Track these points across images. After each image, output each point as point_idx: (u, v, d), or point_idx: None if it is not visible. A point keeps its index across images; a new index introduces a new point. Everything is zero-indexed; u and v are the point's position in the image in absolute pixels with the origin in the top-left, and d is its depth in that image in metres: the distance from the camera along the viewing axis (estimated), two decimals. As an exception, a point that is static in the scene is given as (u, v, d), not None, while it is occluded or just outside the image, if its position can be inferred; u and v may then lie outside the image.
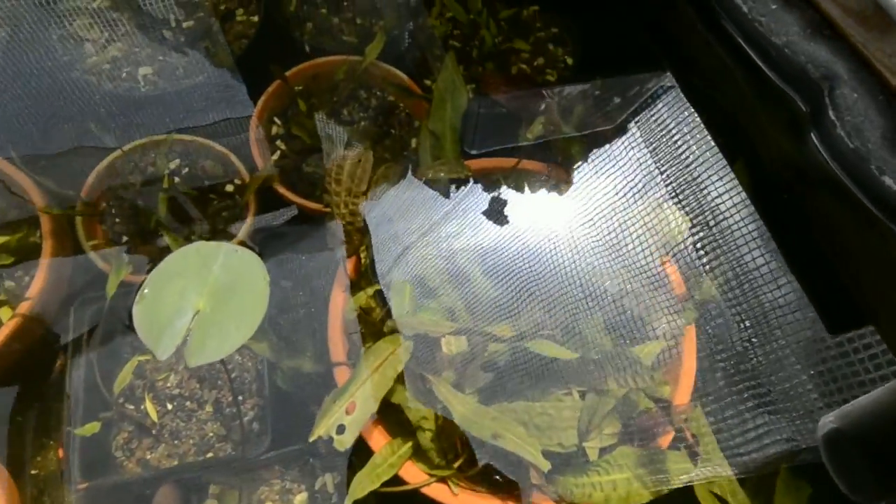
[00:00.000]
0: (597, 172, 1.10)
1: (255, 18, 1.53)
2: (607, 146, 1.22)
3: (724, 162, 1.13)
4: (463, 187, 1.10)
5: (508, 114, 1.43)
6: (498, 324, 0.95)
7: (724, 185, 1.09)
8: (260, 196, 1.32)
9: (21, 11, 1.44)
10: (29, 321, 1.07)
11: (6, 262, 1.11)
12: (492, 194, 1.08)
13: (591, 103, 1.39)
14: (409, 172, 1.11)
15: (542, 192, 1.13)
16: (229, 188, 1.37)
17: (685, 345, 0.94)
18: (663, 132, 1.17)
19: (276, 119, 1.43)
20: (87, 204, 1.21)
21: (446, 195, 1.10)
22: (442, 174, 1.04)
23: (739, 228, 1.02)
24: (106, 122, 1.38)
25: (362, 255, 1.00)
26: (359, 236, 0.98)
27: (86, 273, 1.18)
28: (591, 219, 1.00)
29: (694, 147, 1.17)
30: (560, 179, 1.13)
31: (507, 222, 1.04)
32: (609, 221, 0.95)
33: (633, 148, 1.14)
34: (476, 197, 1.07)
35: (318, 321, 1.03)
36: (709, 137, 1.16)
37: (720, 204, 1.07)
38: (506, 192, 1.09)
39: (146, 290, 0.79)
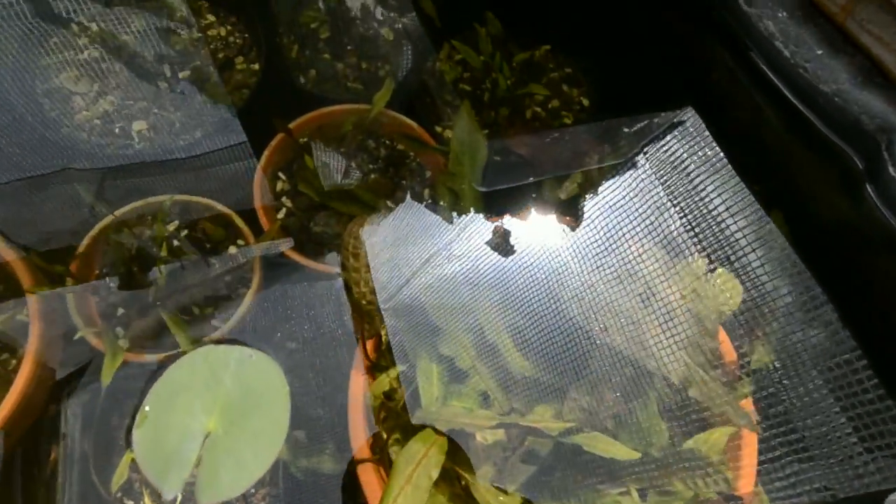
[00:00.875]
0: (632, 231, 1.02)
1: (256, 66, 1.46)
2: (637, 197, 1.15)
3: (761, 212, 1.05)
4: (487, 254, 1.02)
5: (525, 162, 1.35)
6: (538, 406, 0.86)
7: (760, 236, 1.01)
8: (264, 258, 1.23)
9: (4, 63, 1.36)
10: (16, 412, 0.96)
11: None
12: (520, 260, 1.00)
13: (609, 149, 1.33)
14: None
15: (573, 251, 1.05)
16: (232, 250, 1.28)
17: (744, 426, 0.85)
18: (692, 189, 1.09)
19: (280, 174, 1.35)
20: (79, 278, 1.11)
21: (472, 264, 1.02)
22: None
23: (779, 278, 0.95)
24: (97, 183, 1.29)
25: (383, 334, 0.91)
26: (380, 316, 0.90)
27: (78, 353, 1.08)
28: (633, 285, 0.92)
29: (725, 197, 1.09)
30: (591, 238, 1.05)
31: (540, 290, 0.96)
32: (655, 288, 0.86)
33: (665, 206, 1.06)
34: (502, 264, 0.99)
35: (337, 408, 0.94)
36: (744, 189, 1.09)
37: (752, 255, 0.99)
38: (535, 257, 1.01)
39: (147, 409, 0.70)
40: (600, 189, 0.96)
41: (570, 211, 1.02)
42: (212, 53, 1.45)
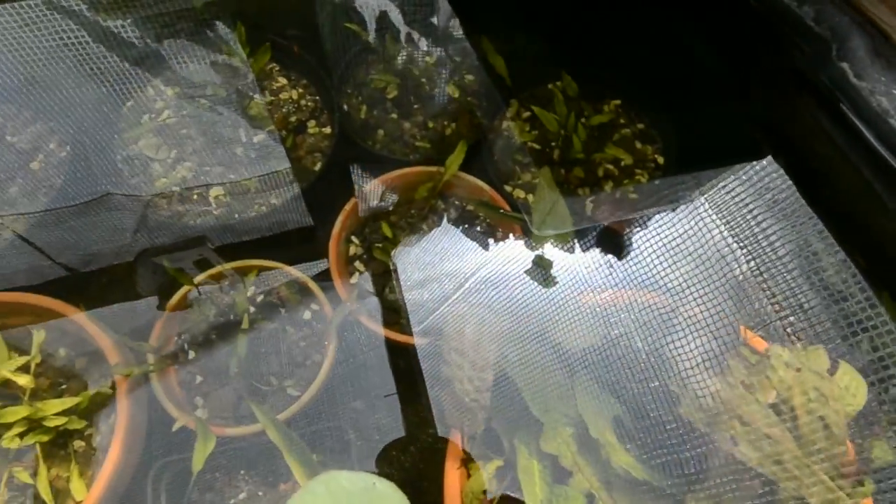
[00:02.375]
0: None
1: (328, 130, 1.47)
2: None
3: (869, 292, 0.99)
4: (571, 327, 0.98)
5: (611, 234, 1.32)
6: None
7: (868, 316, 0.95)
8: (340, 326, 1.22)
9: (84, 128, 1.40)
10: (107, 492, 0.96)
11: (78, 426, 1.02)
12: (615, 337, 0.95)
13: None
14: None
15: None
16: (307, 315, 1.27)
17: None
18: (793, 267, 1.04)
19: (353, 238, 1.35)
20: (163, 357, 1.12)
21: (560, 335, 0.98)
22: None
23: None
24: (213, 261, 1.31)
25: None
26: (483, 413, 0.87)
27: (164, 430, 1.08)
28: (747, 378, 0.87)
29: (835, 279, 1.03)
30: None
31: (640, 371, 0.91)
32: (781, 390, 0.81)
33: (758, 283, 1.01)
34: (594, 343, 0.95)
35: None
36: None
37: (862, 337, 0.93)
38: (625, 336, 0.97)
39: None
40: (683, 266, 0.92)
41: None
42: (284, 117, 1.47)
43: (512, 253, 1.19)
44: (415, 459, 0.99)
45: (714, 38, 1.42)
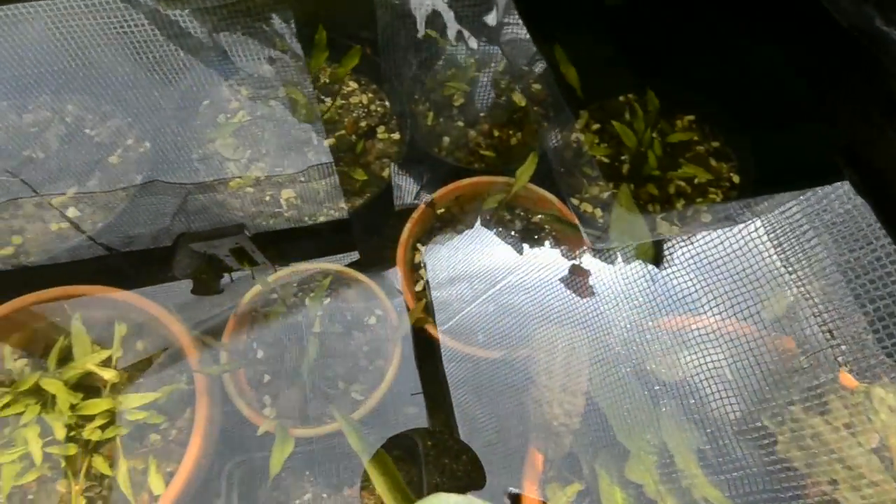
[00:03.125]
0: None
1: (397, 136, 1.48)
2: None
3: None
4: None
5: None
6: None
7: None
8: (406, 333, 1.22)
9: (162, 125, 1.44)
10: (184, 490, 0.98)
11: (157, 420, 1.04)
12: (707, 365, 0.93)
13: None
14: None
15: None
16: (372, 320, 1.28)
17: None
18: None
19: (419, 245, 1.35)
20: (234, 355, 1.14)
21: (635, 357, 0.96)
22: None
23: None
24: (248, 250, 1.33)
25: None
26: (571, 437, 0.86)
27: (236, 427, 1.10)
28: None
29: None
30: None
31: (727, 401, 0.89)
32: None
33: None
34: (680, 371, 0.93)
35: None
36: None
37: None
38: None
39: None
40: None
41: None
42: (354, 122, 1.48)
43: (587, 269, 1.17)
44: (487, 477, 0.98)
45: (797, 59, 1.38)
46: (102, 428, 1.00)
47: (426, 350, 1.26)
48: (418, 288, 1.31)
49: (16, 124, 1.37)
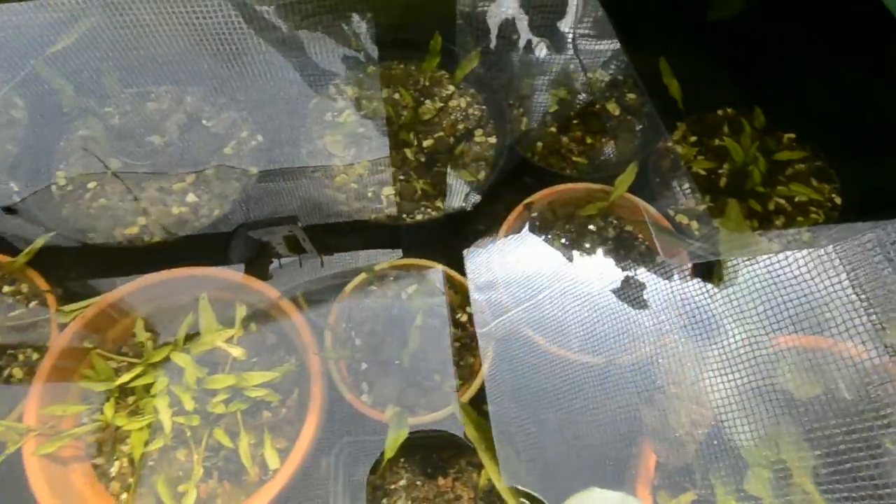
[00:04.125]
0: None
1: (493, 140, 1.51)
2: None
3: None
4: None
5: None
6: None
7: None
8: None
9: (274, 119, 1.51)
10: (301, 466, 1.04)
11: (273, 399, 1.11)
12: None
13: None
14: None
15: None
16: (464, 318, 1.32)
17: None
18: None
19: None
20: (336, 341, 1.19)
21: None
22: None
23: None
24: (350, 242, 1.40)
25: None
26: (694, 447, 0.87)
27: (339, 410, 1.16)
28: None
29: None
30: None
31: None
32: None
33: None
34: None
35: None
36: None
37: None
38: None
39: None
40: None
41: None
42: (452, 125, 1.52)
43: (687, 281, 1.18)
44: (588, 479, 1.01)
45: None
46: (226, 403, 1.07)
47: (521, 350, 1.29)
48: (512, 289, 1.34)
49: (141, 111, 1.46)
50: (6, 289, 1.24)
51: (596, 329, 1.18)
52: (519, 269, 1.36)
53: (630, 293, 1.24)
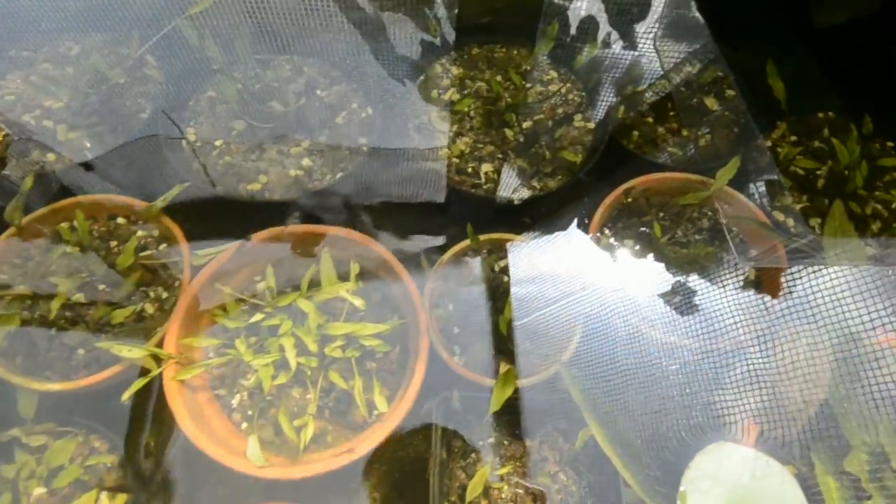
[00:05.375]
0: None
1: (591, 125, 1.56)
2: None
3: None
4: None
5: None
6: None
7: None
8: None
9: (383, 94, 1.59)
10: (410, 411, 1.12)
11: (384, 349, 1.19)
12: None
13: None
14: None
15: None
16: (550, 291, 1.38)
17: None
18: None
19: (605, 230, 1.43)
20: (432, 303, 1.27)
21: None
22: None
23: None
24: (449, 213, 1.47)
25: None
26: (802, 423, 0.91)
27: (438, 368, 1.23)
28: None
29: None
30: None
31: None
32: None
33: None
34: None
35: None
36: None
37: None
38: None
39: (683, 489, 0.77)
40: None
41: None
42: (552, 109, 1.58)
43: (790, 274, 1.21)
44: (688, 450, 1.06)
45: None
46: (342, 348, 1.16)
47: (610, 328, 1.34)
48: (602, 270, 1.39)
49: (263, 78, 1.57)
50: (139, 232, 1.36)
51: (694, 313, 1.22)
52: (614, 250, 1.41)
53: (726, 281, 1.27)
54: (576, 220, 1.44)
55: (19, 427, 1.18)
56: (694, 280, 1.29)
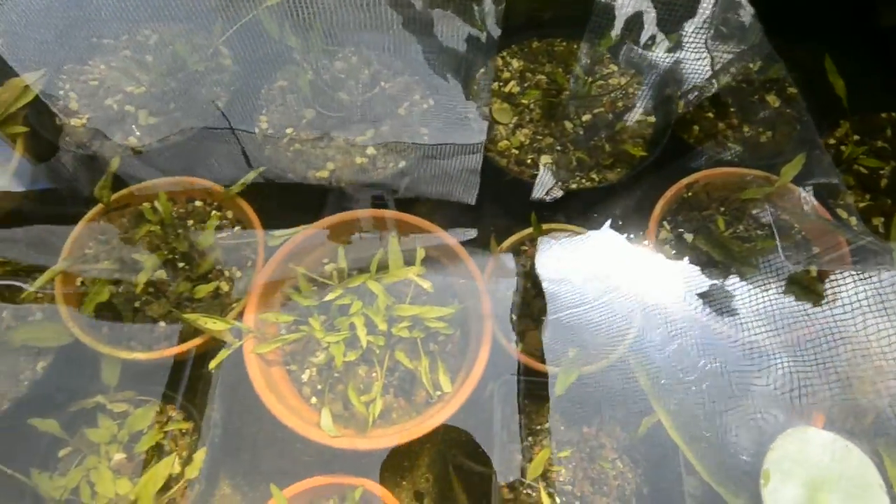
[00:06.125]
0: None
1: (651, 119, 1.57)
2: None
3: None
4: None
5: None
6: None
7: None
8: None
9: (444, 86, 1.63)
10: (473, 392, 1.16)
11: (448, 332, 1.23)
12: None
13: None
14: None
15: None
16: (608, 283, 1.39)
17: None
18: None
19: (664, 223, 1.44)
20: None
21: None
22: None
23: None
24: (508, 203, 1.50)
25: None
26: (873, 415, 0.92)
27: (498, 353, 1.27)
28: None
29: None
30: None
31: None
32: None
33: None
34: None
35: None
36: None
37: None
38: None
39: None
40: None
41: None
42: (612, 102, 1.59)
43: (856, 270, 1.20)
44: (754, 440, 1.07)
45: None
46: (409, 329, 1.21)
47: (672, 320, 1.35)
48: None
49: (331, 68, 1.62)
50: (214, 213, 1.43)
51: (759, 305, 1.23)
52: (674, 243, 1.42)
53: (790, 275, 1.28)
54: (635, 213, 1.46)
55: (103, 394, 1.26)
56: (758, 274, 1.30)
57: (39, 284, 1.20)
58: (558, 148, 1.54)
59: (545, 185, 1.49)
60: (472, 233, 1.43)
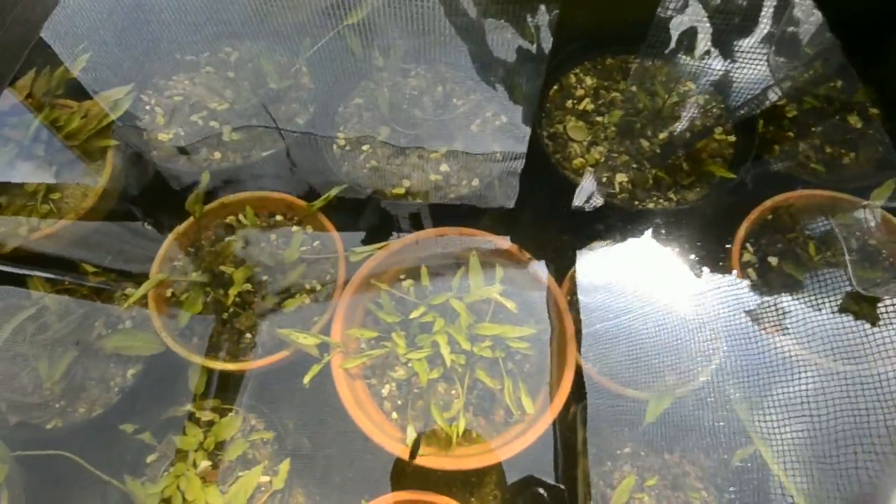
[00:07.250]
0: None
1: (732, 138, 1.54)
2: None
3: None
4: None
5: None
6: None
7: None
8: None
9: (515, 104, 1.64)
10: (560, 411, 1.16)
11: (528, 352, 1.23)
12: None
13: None
14: None
15: None
16: (690, 306, 1.37)
17: None
18: None
19: (748, 245, 1.41)
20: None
21: None
22: None
23: None
24: (583, 222, 1.50)
25: None
26: None
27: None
28: None
29: None
30: None
31: None
32: None
33: None
34: None
35: None
36: None
37: None
38: None
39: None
40: None
41: None
42: (690, 120, 1.57)
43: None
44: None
45: None
46: (491, 349, 1.21)
47: (749, 341, 1.32)
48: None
49: (404, 86, 1.64)
50: (294, 229, 1.46)
51: (847, 334, 1.19)
52: (758, 267, 1.39)
53: (883, 304, 1.24)
54: (715, 234, 1.43)
55: (189, 403, 1.30)
56: (849, 300, 1.26)
57: (139, 295, 1.25)
58: (634, 166, 1.53)
59: (621, 204, 1.47)
60: (547, 250, 1.43)
